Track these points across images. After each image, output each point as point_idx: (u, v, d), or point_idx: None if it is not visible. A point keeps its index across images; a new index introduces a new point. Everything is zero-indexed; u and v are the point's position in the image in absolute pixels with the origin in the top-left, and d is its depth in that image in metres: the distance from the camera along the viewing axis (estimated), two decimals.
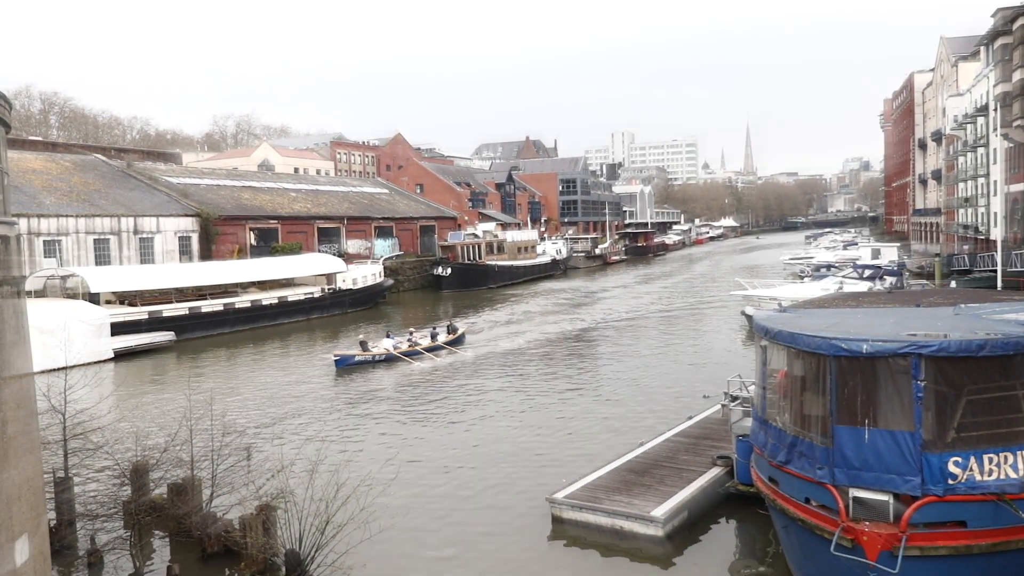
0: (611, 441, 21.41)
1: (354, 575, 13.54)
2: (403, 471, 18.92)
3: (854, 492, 11.24)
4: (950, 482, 10.82)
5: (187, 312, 45.22)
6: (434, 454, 21.28)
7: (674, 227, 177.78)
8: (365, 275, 59.18)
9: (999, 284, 37.55)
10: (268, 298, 50.65)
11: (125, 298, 44.81)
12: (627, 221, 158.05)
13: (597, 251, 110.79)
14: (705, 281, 77.06)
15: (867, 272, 43.17)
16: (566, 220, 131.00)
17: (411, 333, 37.32)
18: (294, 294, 52.87)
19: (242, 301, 48.85)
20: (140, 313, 42.92)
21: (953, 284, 45.21)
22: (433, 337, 36.84)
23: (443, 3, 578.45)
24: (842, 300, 18.98)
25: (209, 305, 46.77)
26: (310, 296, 53.84)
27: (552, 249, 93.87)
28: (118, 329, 39.70)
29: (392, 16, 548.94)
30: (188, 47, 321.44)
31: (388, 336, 36.18)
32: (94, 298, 41.70)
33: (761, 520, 15.21)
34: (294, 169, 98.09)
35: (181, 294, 46.54)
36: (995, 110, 56.88)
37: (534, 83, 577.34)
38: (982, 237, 63.48)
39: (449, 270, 72.83)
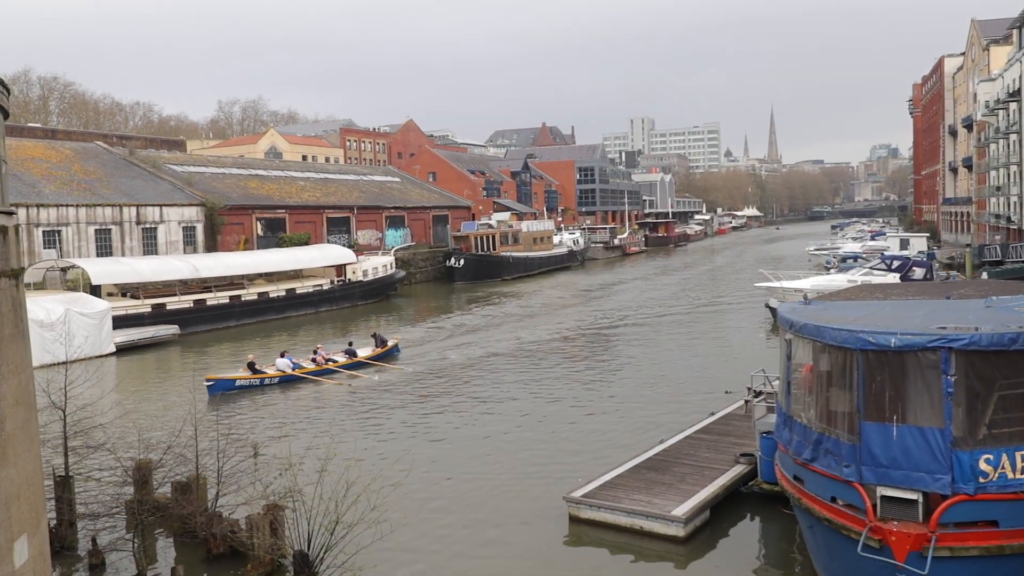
0: (630, 438, 21.07)
1: None
2: (416, 469, 18.67)
3: (882, 491, 11.04)
4: (981, 480, 10.63)
5: (192, 305, 44.56)
6: (447, 451, 21.03)
7: (695, 217, 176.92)
8: (376, 266, 58.53)
9: None
10: (276, 290, 50.05)
11: (127, 290, 44.31)
12: (647, 211, 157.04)
13: (616, 241, 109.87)
14: (728, 273, 76.68)
15: (895, 263, 42.26)
16: (584, 210, 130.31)
17: (315, 352, 31.94)
18: (302, 286, 52.10)
19: (249, 294, 48.19)
20: (143, 306, 42.37)
21: (984, 275, 44.42)
22: (350, 354, 32.51)
23: None
24: (869, 292, 18.57)
25: (214, 298, 46.07)
26: (319, 288, 53.07)
27: (569, 239, 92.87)
28: (120, 322, 39.12)
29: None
30: (192, 30, 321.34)
31: (283, 356, 30.94)
32: (95, 290, 41.09)
33: (785, 520, 14.98)
34: (302, 157, 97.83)
35: (185, 286, 46.10)
36: None
37: (551, 69, 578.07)
38: (1014, 227, 62.26)
39: (462, 261, 72.02)
